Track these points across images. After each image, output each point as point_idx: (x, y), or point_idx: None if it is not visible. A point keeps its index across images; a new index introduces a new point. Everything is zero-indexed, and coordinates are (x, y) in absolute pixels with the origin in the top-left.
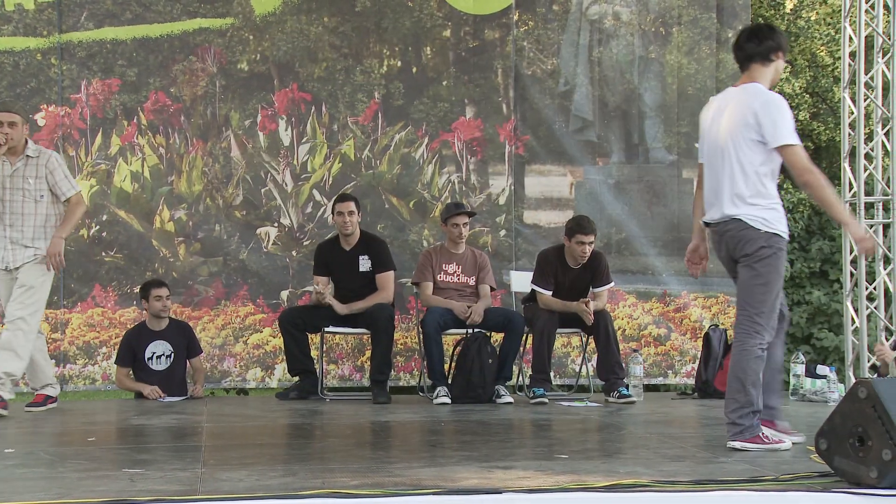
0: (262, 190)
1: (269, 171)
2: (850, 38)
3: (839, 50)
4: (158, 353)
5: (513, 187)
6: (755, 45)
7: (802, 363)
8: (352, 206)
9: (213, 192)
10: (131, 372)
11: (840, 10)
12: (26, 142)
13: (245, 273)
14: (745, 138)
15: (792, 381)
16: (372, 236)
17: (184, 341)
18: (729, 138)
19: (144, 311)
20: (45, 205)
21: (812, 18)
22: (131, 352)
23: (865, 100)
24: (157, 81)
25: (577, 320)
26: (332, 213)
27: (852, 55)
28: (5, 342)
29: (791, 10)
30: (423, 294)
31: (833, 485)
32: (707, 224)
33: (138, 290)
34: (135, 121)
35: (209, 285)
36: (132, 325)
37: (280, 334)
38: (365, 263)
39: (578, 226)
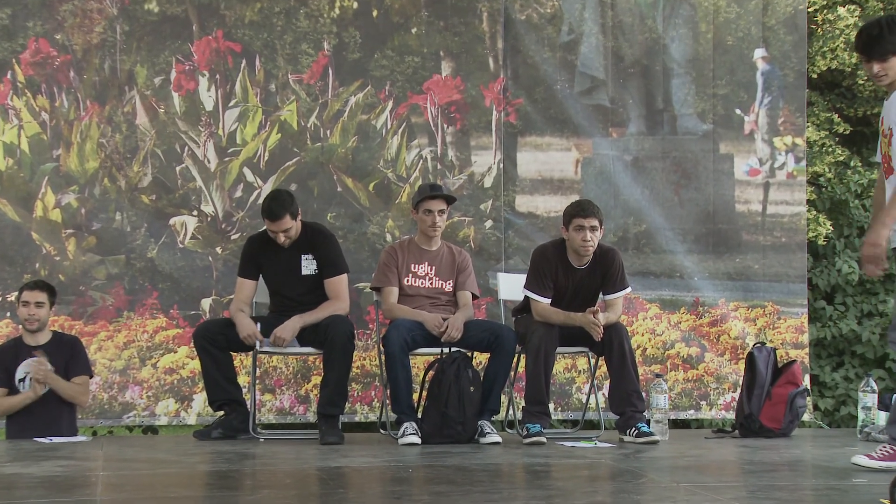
0: (178, 168)
1: (186, 144)
2: None
3: None
4: (33, 374)
5: (502, 165)
6: None
7: (874, 392)
8: (286, 223)
9: (113, 171)
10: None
11: None
12: None
13: (155, 276)
14: None
15: (861, 415)
16: (318, 229)
17: (64, 360)
18: None
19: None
20: None
21: None
22: (5, 370)
23: None
24: (39, 26)
25: (583, 337)
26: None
27: None
28: None
29: None
30: (385, 303)
31: None
32: None
33: (14, 298)
34: (8, 77)
35: (107, 291)
36: (5, 340)
37: (198, 355)
38: (309, 265)
39: (577, 208)
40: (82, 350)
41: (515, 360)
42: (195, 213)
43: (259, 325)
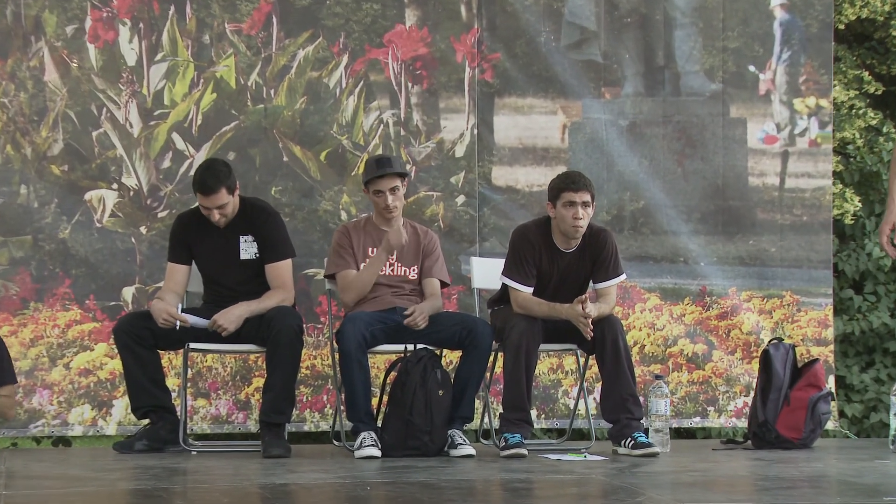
0: (95, 133)
1: (104, 105)
2: None
3: None
4: None
5: (476, 131)
6: None
7: None
8: (221, 197)
9: (17, 137)
10: None
11: None
12: None
13: (67, 260)
14: None
15: (893, 423)
16: (259, 206)
17: None
18: None
19: None
20: None
21: None
22: None
23: None
24: None
25: (570, 332)
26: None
27: None
28: None
29: None
30: (342, 291)
31: None
32: None
33: None
34: None
35: (11, 279)
36: None
37: (119, 353)
38: (249, 248)
39: (566, 180)
40: (5, 352)
41: (492, 358)
42: (115, 186)
43: (180, 306)
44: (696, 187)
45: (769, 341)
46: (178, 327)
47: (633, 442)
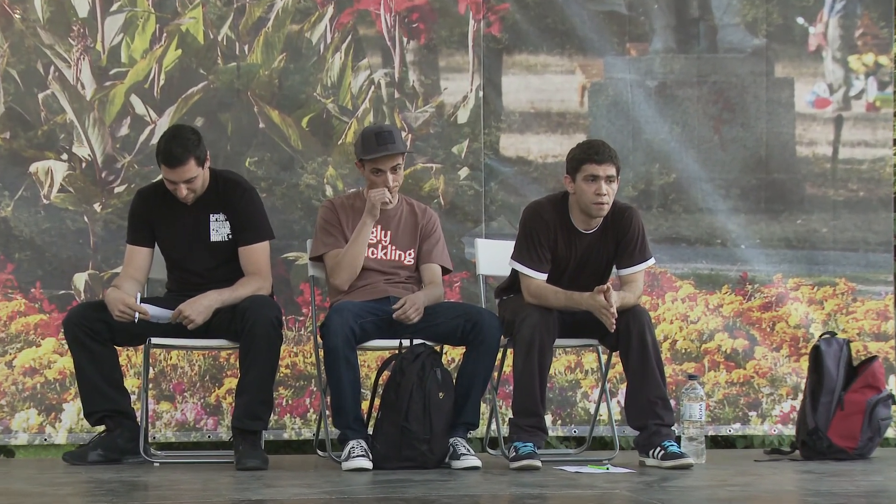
0: (41, 96)
1: (51, 63)
2: None
3: None
4: None
5: (482, 93)
6: None
7: None
8: (190, 170)
9: None
10: None
11: None
12: None
13: (9, 242)
14: None
15: None
16: (232, 180)
17: None
18: None
19: None
20: None
21: None
22: None
23: None
24: None
25: (591, 325)
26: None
27: None
28: None
29: None
30: (332, 274)
31: None
32: None
33: None
34: None
35: None
36: None
37: (70, 349)
38: (220, 228)
39: (589, 150)
40: None
41: (500, 356)
42: (64, 157)
43: (138, 295)
44: (736, 158)
45: (820, 336)
46: (136, 320)
47: (662, 452)
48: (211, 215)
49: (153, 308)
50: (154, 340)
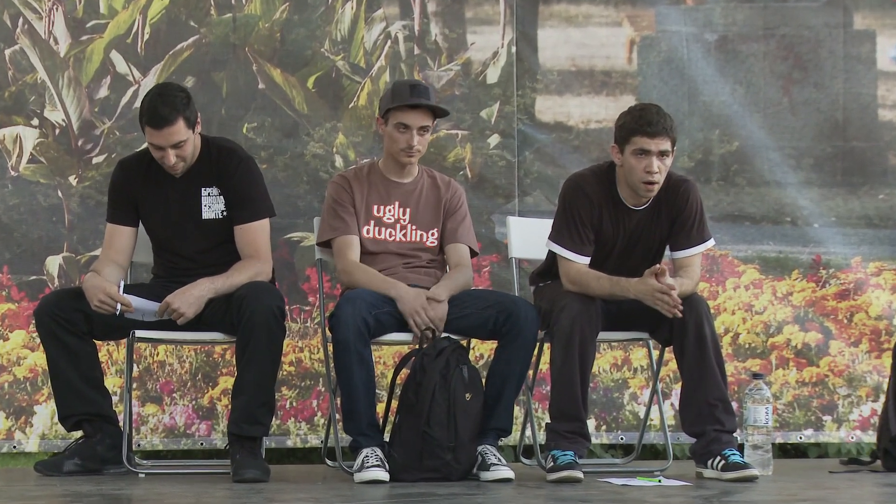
0: (8, 52)
1: (20, 14)
2: None
3: None
4: None
5: (514, 49)
6: None
7: None
8: (179, 132)
9: None
10: None
11: None
12: None
13: None
14: None
15: None
16: (227, 149)
17: None
18: None
19: None
20: None
21: None
22: None
23: None
24: None
25: (640, 316)
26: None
27: None
28: None
29: None
30: (341, 260)
31: None
32: None
33: None
34: None
35: None
36: None
37: (42, 344)
38: (213, 203)
39: (640, 120)
40: None
41: (536, 351)
42: (35, 122)
43: (122, 284)
44: (808, 123)
45: None
46: (118, 312)
47: (723, 462)
48: (203, 189)
49: (137, 300)
50: (138, 333)
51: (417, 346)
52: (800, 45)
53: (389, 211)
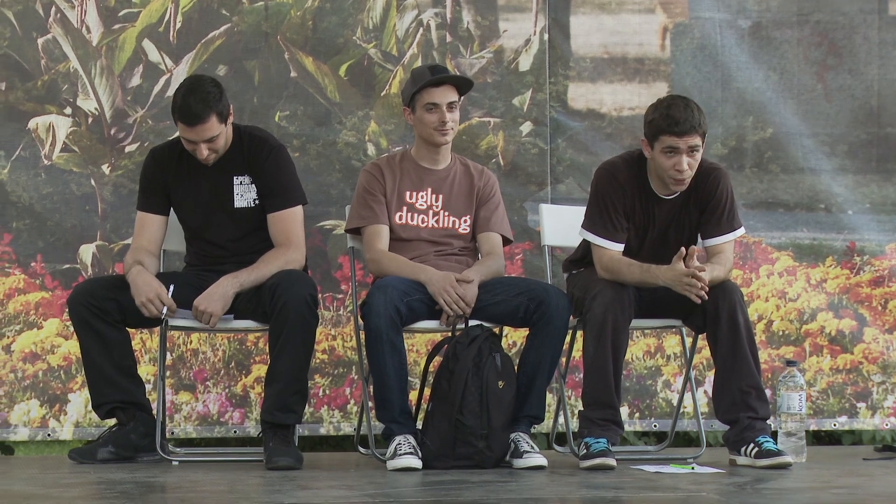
0: (40, 41)
1: (52, 3)
2: None
3: None
4: None
5: (547, 36)
6: None
7: None
8: (211, 128)
9: None
10: None
11: None
12: None
13: (6, 209)
14: None
15: None
16: (259, 138)
17: None
18: None
19: None
20: None
21: None
22: None
23: None
24: None
25: (672, 303)
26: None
27: None
28: None
29: None
30: (370, 250)
31: None
32: None
33: None
34: None
35: None
36: None
37: (75, 332)
38: (245, 192)
39: (668, 119)
40: None
41: (568, 339)
42: (68, 111)
43: (171, 287)
44: (843, 110)
45: None
46: (164, 315)
47: (756, 449)
48: (235, 178)
49: (179, 309)
50: (171, 322)
51: (448, 331)
52: (834, 31)
53: (422, 197)
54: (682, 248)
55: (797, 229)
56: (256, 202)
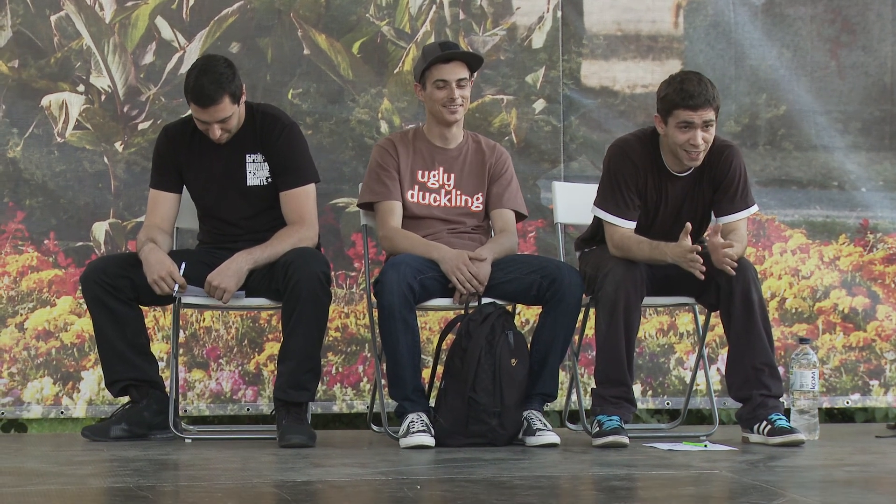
0: (53, 18)
1: None
2: None
3: None
4: None
5: (560, 13)
6: None
7: None
8: (224, 109)
9: None
10: None
11: None
12: None
13: (19, 187)
14: None
15: None
16: (272, 116)
17: None
18: None
19: None
20: None
21: None
22: None
23: None
24: None
25: (685, 281)
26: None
27: None
28: None
29: None
30: (382, 227)
31: None
32: None
33: None
34: None
35: None
36: None
37: (88, 310)
38: (258, 170)
39: (682, 93)
40: None
41: (581, 316)
42: (81, 88)
43: (184, 265)
44: (856, 87)
45: None
46: (176, 292)
47: (769, 426)
48: (247, 156)
49: (190, 287)
50: (184, 299)
51: (461, 309)
52: (847, 9)
53: (434, 176)
54: (688, 224)
55: (810, 207)
56: (269, 180)
